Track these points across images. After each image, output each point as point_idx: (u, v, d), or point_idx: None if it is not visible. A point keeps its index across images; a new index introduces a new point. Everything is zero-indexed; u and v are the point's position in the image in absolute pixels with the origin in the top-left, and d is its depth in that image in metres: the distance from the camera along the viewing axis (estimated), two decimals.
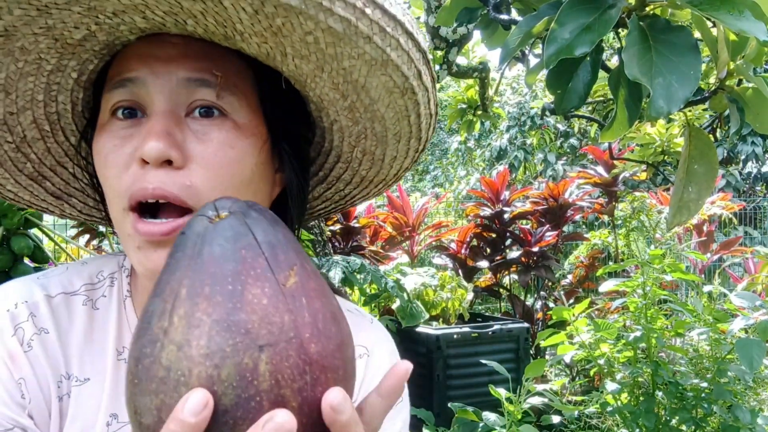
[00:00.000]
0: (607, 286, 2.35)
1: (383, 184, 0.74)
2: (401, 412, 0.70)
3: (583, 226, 7.74)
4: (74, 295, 0.67)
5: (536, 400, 2.19)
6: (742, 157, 9.84)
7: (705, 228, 4.39)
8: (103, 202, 0.67)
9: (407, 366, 0.41)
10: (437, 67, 2.83)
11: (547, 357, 3.65)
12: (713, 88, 1.04)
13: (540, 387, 2.23)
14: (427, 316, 3.31)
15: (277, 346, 0.37)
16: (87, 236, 2.70)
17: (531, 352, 3.60)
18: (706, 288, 2.96)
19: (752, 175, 10.10)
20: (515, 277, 4.36)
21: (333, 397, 0.38)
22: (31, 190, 0.70)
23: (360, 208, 3.96)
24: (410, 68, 0.56)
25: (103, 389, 0.63)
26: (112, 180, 0.58)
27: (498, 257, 4.29)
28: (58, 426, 0.62)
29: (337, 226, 3.68)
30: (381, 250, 4.02)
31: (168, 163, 0.56)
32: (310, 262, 0.42)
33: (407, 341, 3.17)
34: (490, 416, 2.21)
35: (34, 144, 0.66)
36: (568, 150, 10.67)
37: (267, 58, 0.57)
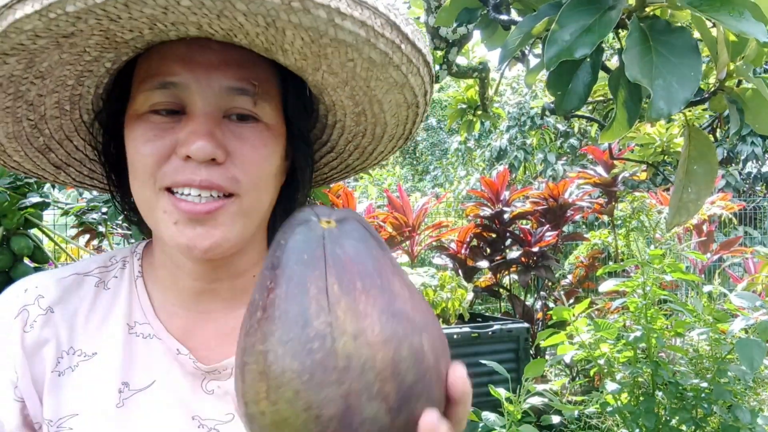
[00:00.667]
0: (607, 286, 2.36)
1: (362, 170, 0.81)
2: None
3: (583, 226, 7.74)
4: (87, 275, 0.72)
5: (536, 400, 2.19)
6: (742, 157, 9.84)
7: (705, 228, 4.39)
8: (108, 174, 0.72)
9: (461, 372, 0.45)
10: (437, 67, 2.83)
11: (547, 357, 3.66)
12: (713, 88, 1.04)
13: (540, 387, 2.23)
14: None
15: (428, 330, 0.42)
16: (87, 236, 2.70)
17: (531, 352, 3.60)
18: (706, 288, 2.95)
19: (752, 175, 10.10)
20: (515, 277, 4.36)
21: (429, 420, 0.40)
22: (35, 161, 0.74)
23: (360, 209, 3.96)
24: (421, 89, 0.64)
25: (113, 361, 0.67)
26: (149, 167, 0.62)
27: (498, 257, 4.29)
28: (54, 396, 0.66)
29: None
30: None
31: (212, 160, 0.61)
32: None
33: None
34: (490, 416, 2.20)
35: (51, 121, 0.69)
36: (568, 150, 10.66)
37: (299, 70, 0.62)
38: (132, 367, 0.67)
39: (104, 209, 2.17)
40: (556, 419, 2.44)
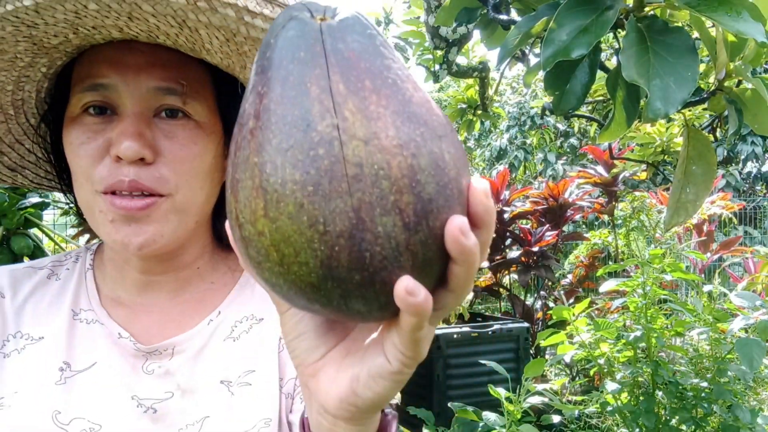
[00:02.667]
0: (607, 286, 2.35)
1: None
2: None
3: (583, 226, 7.74)
4: (40, 269, 0.76)
5: (536, 400, 2.19)
6: (742, 156, 9.83)
7: (705, 228, 4.39)
8: (59, 175, 0.75)
9: (484, 186, 0.37)
10: (437, 67, 2.83)
11: (547, 357, 3.66)
12: (712, 88, 1.04)
13: (540, 387, 2.23)
14: None
15: (447, 136, 0.36)
16: (87, 236, 2.70)
17: (531, 351, 3.60)
18: (706, 288, 2.95)
19: (752, 174, 10.09)
20: (515, 276, 4.36)
21: (458, 222, 0.34)
22: None
23: None
24: None
25: (57, 344, 0.69)
26: (85, 168, 0.64)
27: (498, 257, 4.29)
28: None
29: None
30: None
31: (140, 159, 0.62)
32: None
33: None
34: (490, 416, 2.20)
35: None
36: (568, 150, 10.66)
37: (227, 68, 0.64)
38: (73, 350, 0.69)
39: None
40: (556, 419, 2.44)
